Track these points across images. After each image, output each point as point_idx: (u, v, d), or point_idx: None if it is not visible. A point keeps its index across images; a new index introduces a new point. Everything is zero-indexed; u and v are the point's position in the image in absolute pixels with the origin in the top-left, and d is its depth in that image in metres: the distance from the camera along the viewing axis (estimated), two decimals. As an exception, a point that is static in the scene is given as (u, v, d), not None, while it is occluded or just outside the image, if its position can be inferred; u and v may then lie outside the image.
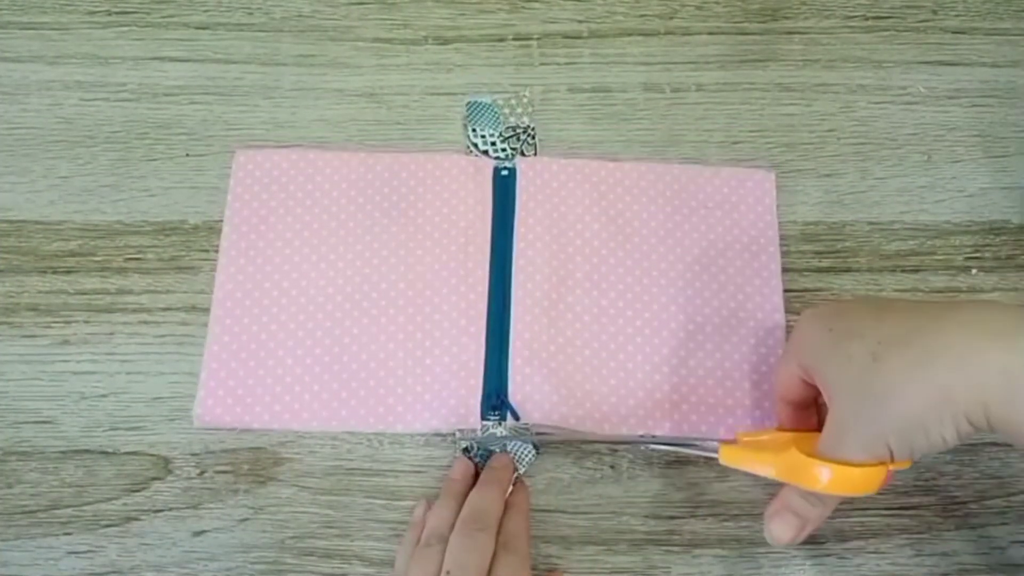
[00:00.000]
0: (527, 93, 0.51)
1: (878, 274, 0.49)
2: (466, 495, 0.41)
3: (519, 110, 0.51)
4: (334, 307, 0.46)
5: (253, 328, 0.46)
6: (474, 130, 0.51)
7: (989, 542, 0.43)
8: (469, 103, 0.51)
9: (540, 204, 0.49)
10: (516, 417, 0.44)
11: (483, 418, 0.44)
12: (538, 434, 0.44)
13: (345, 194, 0.49)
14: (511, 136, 0.50)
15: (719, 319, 0.47)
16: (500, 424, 0.44)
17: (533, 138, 0.50)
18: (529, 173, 0.49)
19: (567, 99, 0.52)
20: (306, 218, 0.48)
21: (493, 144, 0.50)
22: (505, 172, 0.49)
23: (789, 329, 0.47)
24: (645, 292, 0.47)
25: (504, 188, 0.49)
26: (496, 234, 0.48)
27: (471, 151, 0.50)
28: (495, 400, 0.44)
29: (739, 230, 0.49)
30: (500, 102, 0.51)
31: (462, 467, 0.43)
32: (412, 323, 0.46)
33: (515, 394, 0.44)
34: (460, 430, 0.44)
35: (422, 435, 0.44)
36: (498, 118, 0.51)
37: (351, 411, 0.44)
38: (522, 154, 0.50)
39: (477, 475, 0.43)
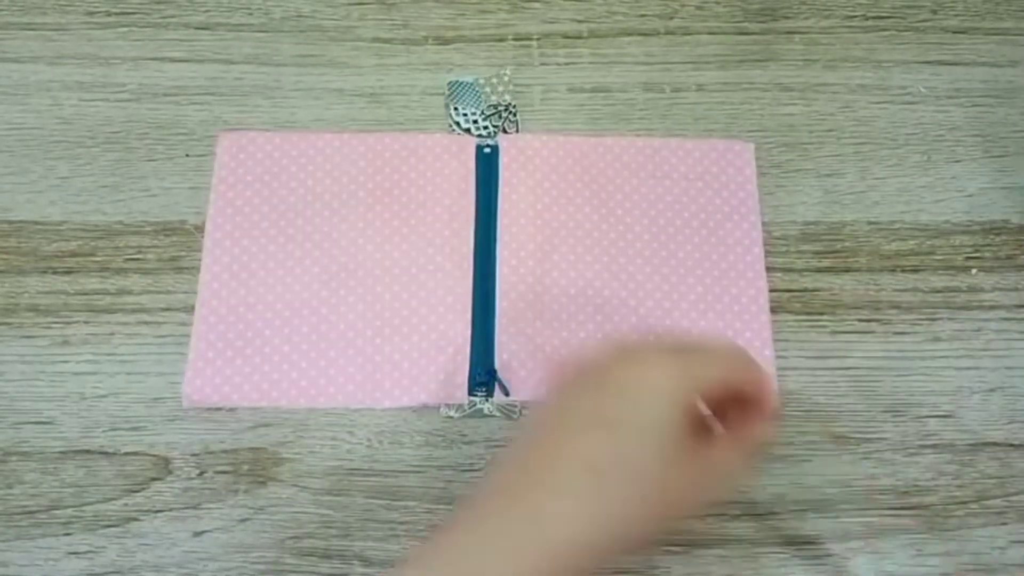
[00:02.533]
0: (507, 72, 0.52)
1: (878, 274, 0.49)
2: None
3: (500, 88, 0.52)
4: (320, 285, 0.47)
5: (240, 308, 0.46)
6: (456, 108, 0.51)
7: (989, 542, 0.43)
8: (451, 82, 0.52)
9: (523, 180, 0.49)
10: (506, 392, 0.44)
11: (470, 393, 0.45)
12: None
13: (329, 174, 0.49)
14: (493, 114, 0.51)
15: (703, 288, 0.47)
16: (488, 400, 0.45)
17: (515, 116, 0.51)
18: (511, 150, 0.50)
19: (567, 99, 0.52)
20: (291, 199, 0.48)
21: (475, 122, 0.51)
22: (488, 149, 0.50)
23: (772, 303, 0.47)
24: (630, 263, 0.48)
25: (487, 165, 0.50)
26: (480, 211, 0.49)
27: (454, 129, 0.51)
28: (483, 376, 0.45)
29: (720, 200, 0.49)
30: (481, 81, 0.52)
31: None
32: (398, 300, 0.46)
33: (502, 370, 0.45)
34: (447, 404, 0.45)
35: (421, 433, 0.44)
36: (480, 96, 0.51)
37: (339, 387, 0.45)
38: (504, 131, 0.51)
39: None
